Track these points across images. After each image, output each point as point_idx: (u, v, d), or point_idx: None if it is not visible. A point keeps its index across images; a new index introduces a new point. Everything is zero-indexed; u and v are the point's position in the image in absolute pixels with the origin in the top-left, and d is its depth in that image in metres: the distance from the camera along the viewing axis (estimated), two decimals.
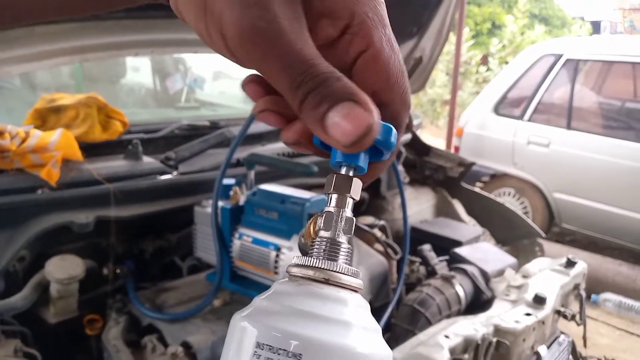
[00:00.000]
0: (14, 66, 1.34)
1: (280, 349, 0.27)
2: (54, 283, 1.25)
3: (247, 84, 0.33)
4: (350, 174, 0.32)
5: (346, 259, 0.32)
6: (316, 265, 0.31)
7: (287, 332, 0.28)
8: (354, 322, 0.29)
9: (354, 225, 0.33)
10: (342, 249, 0.32)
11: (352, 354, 0.28)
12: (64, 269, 1.24)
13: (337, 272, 0.31)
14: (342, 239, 0.32)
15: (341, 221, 0.32)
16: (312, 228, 0.34)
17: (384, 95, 0.32)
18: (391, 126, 0.31)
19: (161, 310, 1.27)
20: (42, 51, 1.35)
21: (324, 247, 0.32)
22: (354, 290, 0.31)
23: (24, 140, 1.33)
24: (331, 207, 0.32)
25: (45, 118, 1.48)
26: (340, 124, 0.28)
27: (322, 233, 0.32)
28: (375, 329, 0.31)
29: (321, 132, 0.29)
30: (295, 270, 0.31)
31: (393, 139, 0.32)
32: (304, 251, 0.34)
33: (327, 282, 0.30)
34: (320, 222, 0.33)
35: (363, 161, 0.32)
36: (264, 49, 0.29)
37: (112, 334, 1.24)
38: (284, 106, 0.32)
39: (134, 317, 1.30)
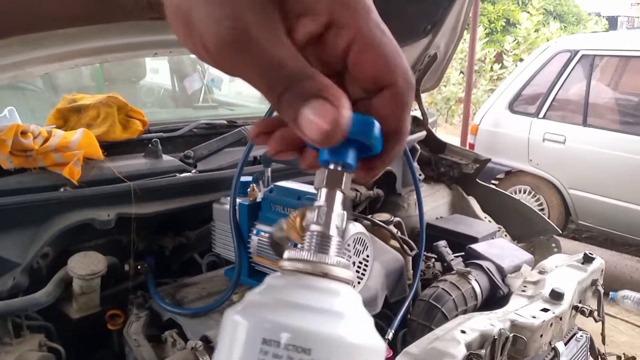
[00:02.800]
0: (36, 67, 1.37)
1: (289, 344, 0.28)
2: (77, 279, 1.27)
3: (255, 138, 0.36)
4: (339, 169, 0.33)
5: (337, 252, 0.33)
6: (307, 259, 0.31)
7: (279, 323, 0.28)
8: (345, 313, 0.30)
9: (344, 219, 0.34)
10: (333, 243, 0.33)
11: (344, 344, 0.29)
12: (86, 265, 1.27)
13: (332, 265, 0.31)
14: (333, 232, 0.33)
15: (331, 215, 0.33)
16: (298, 222, 0.35)
17: (385, 78, 0.33)
18: (373, 120, 0.32)
19: (181, 306, 1.30)
20: (63, 52, 1.37)
21: (315, 240, 0.33)
22: (346, 282, 0.32)
23: (46, 140, 1.36)
24: (321, 202, 0.33)
25: (67, 118, 1.51)
26: (311, 120, 0.29)
27: (313, 227, 0.33)
28: (367, 320, 0.32)
29: (297, 130, 0.30)
30: (287, 264, 0.32)
31: (376, 132, 0.32)
32: (277, 244, 0.35)
33: (323, 275, 0.31)
34: (311, 216, 0.34)
35: (351, 158, 0.33)
36: (241, 58, 0.30)
37: (133, 329, 1.27)
38: (269, 126, 0.35)
39: (154, 312, 1.32)
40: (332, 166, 0.33)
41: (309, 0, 0.32)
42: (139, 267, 1.38)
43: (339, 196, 0.34)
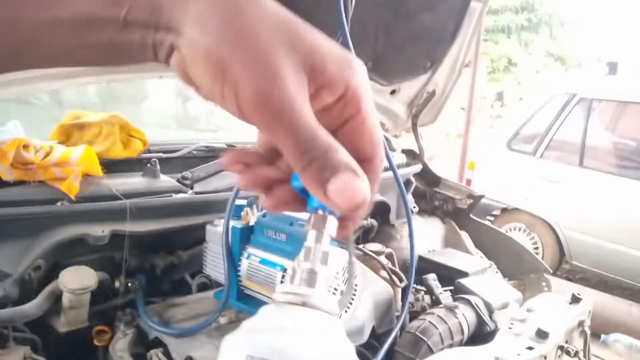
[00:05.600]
0: (44, 83, 1.41)
1: (260, 358, 0.32)
2: (67, 293, 1.28)
3: (228, 165, 0.39)
4: (325, 215, 0.38)
5: (324, 286, 0.38)
6: (295, 291, 0.36)
7: (265, 344, 0.33)
8: (324, 339, 0.35)
9: (328, 257, 0.38)
10: (319, 278, 0.37)
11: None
12: (77, 280, 1.28)
13: (313, 296, 0.36)
14: (319, 269, 0.38)
15: (318, 254, 0.38)
16: (295, 263, 0.40)
17: (368, 151, 0.38)
18: None
19: (168, 325, 1.30)
20: (71, 70, 1.41)
21: (304, 276, 0.37)
22: (325, 311, 0.36)
23: (47, 154, 1.39)
24: (310, 242, 0.38)
25: (70, 134, 1.55)
26: (341, 191, 0.33)
27: (303, 264, 0.38)
28: (347, 350, 0.36)
29: (322, 196, 0.34)
30: (279, 296, 0.37)
31: None
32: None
33: (304, 304, 0.36)
34: (301, 255, 0.38)
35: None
36: (276, 114, 0.33)
37: (119, 346, 1.27)
38: (245, 157, 0.39)
39: (141, 330, 1.32)
40: (319, 212, 0.38)
41: (331, 76, 0.35)
42: (129, 284, 1.39)
43: (325, 237, 0.38)
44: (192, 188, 1.55)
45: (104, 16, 0.34)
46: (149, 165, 1.52)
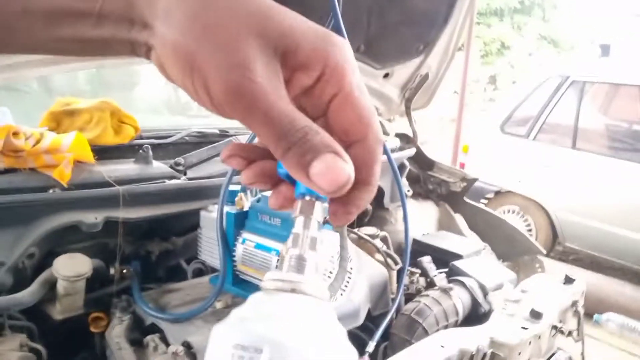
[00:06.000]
0: (32, 70, 1.39)
1: (250, 346, 0.32)
2: (61, 280, 1.27)
3: (228, 159, 0.38)
4: (313, 200, 0.38)
5: (314, 272, 0.37)
6: (284, 278, 0.36)
7: (257, 333, 0.32)
8: (316, 325, 0.34)
9: (317, 243, 0.38)
10: (308, 264, 0.37)
11: (309, 355, 0.32)
12: (71, 267, 1.28)
13: (302, 282, 0.36)
14: (308, 255, 0.37)
15: (306, 240, 0.37)
16: (284, 250, 0.40)
17: (358, 132, 0.36)
18: None
19: (164, 311, 1.30)
20: (59, 57, 1.40)
21: (292, 262, 0.37)
22: (314, 297, 0.36)
23: (38, 141, 1.38)
24: (298, 228, 0.38)
25: (60, 121, 1.53)
26: (324, 173, 0.32)
27: (291, 251, 0.37)
28: (338, 332, 0.36)
29: (305, 179, 0.33)
30: (268, 283, 0.36)
31: None
32: None
33: (293, 291, 0.35)
34: (289, 242, 0.37)
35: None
36: (248, 105, 0.32)
37: (115, 332, 1.27)
38: (247, 152, 0.38)
39: (137, 316, 1.32)
40: (307, 197, 0.37)
41: (305, 57, 0.34)
42: (124, 271, 1.39)
43: (313, 223, 0.38)
44: (185, 174, 1.54)
45: (77, 9, 0.34)
46: (141, 151, 1.50)
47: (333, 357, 0.34)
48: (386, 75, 2.08)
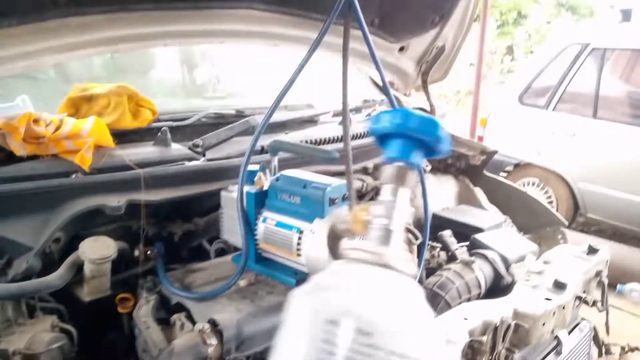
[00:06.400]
0: (48, 56, 1.40)
1: (336, 322, 0.29)
2: (88, 263, 1.30)
3: None
4: (406, 168, 0.33)
5: (400, 245, 0.34)
6: (372, 250, 0.32)
7: (343, 307, 0.30)
8: (413, 307, 0.31)
9: (408, 215, 0.34)
10: (395, 236, 0.34)
11: (417, 337, 0.30)
12: (96, 250, 1.30)
13: (396, 258, 0.32)
14: (398, 227, 0.34)
15: (395, 210, 0.34)
16: (359, 214, 0.36)
17: None
18: (438, 120, 0.33)
19: (189, 290, 1.32)
20: (75, 42, 1.40)
21: (381, 233, 0.33)
22: (406, 275, 0.33)
23: (58, 128, 1.39)
24: (389, 197, 0.34)
25: (78, 106, 1.54)
26: None
27: (380, 220, 0.34)
28: (428, 311, 0.33)
29: None
30: (353, 253, 0.33)
31: (440, 132, 0.33)
32: (335, 236, 0.36)
33: (387, 266, 0.32)
34: (377, 210, 0.34)
35: (417, 158, 0.34)
36: None
37: (142, 312, 1.30)
38: None
39: (163, 296, 1.35)
40: (399, 164, 0.34)
41: None
42: (148, 252, 1.40)
43: (404, 193, 0.34)
44: (204, 155, 1.55)
45: None
46: (159, 134, 1.51)
47: (427, 339, 0.31)
48: (402, 49, 2.04)
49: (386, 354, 0.28)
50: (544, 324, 1.34)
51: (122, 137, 1.49)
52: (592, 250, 1.63)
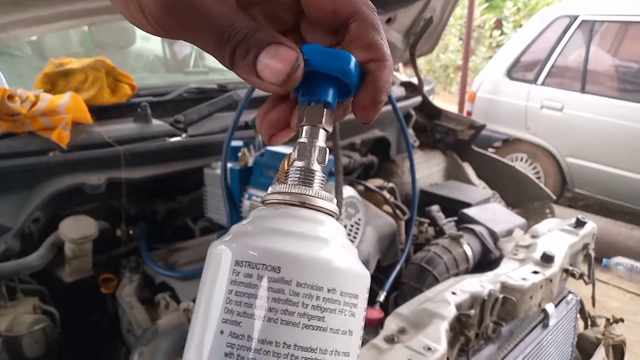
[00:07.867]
0: (21, 30, 1.34)
1: (259, 263, 0.28)
2: (68, 243, 1.27)
3: (261, 127, 0.36)
4: (319, 106, 0.33)
5: (321, 186, 0.33)
6: (291, 191, 0.32)
7: (265, 248, 0.29)
8: (330, 239, 0.31)
9: (327, 155, 0.34)
10: (316, 177, 0.33)
11: (329, 267, 0.29)
12: (77, 229, 1.27)
13: (312, 196, 0.32)
14: (316, 167, 0.34)
15: (314, 150, 0.34)
16: (286, 164, 0.35)
17: (346, 8, 0.32)
18: (348, 53, 0.32)
19: (173, 269, 1.30)
20: (48, 14, 1.35)
21: (298, 175, 0.33)
22: (329, 214, 0.32)
23: (34, 104, 1.34)
24: (304, 138, 0.34)
25: (55, 82, 1.49)
26: (269, 64, 0.29)
27: (297, 163, 0.34)
28: (351, 248, 0.32)
29: (256, 79, 0.30)
30: (272, 197, 0.32)
31: (351, 65, 0.32)
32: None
33: (303, 205, 0.32)
34: (294, 153, 0.34)
35: (331, 97, 0.33)
36: (185, 17, 0.30)
37: (126, 292, 1.28)
38: (266, 109, 0.35)
39: (147, 275, 1.33)
40: (313, 104, 0.33)
41: None
42: (130, 232, 1.38)
43: (321, 133, 0.34)
44: (186, 131, 1.51)
45: None
46: (139, 109, 1.47)
47: (349, 273, 0.30)
48: (389, 21, 2.00)
49: (296, 286, 0.27)
50: (531, 297, 1.33)
51: (101, 113, 1.44)
52: (579, 224, 1.62)
